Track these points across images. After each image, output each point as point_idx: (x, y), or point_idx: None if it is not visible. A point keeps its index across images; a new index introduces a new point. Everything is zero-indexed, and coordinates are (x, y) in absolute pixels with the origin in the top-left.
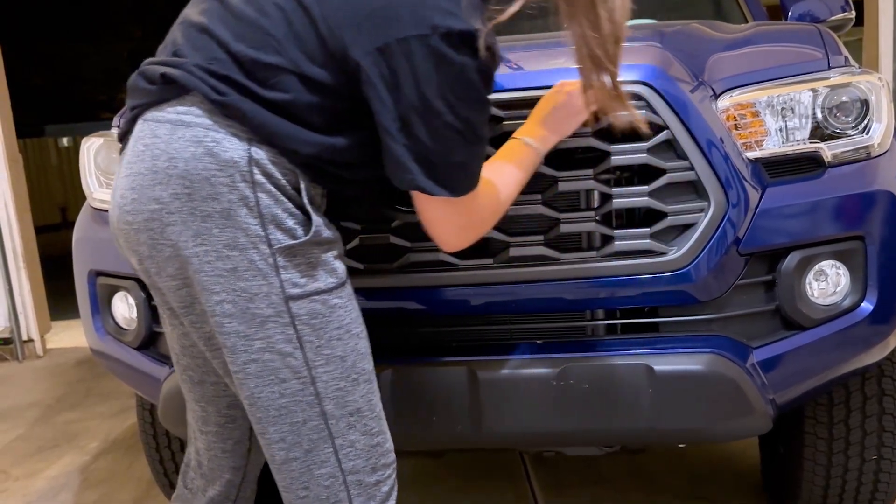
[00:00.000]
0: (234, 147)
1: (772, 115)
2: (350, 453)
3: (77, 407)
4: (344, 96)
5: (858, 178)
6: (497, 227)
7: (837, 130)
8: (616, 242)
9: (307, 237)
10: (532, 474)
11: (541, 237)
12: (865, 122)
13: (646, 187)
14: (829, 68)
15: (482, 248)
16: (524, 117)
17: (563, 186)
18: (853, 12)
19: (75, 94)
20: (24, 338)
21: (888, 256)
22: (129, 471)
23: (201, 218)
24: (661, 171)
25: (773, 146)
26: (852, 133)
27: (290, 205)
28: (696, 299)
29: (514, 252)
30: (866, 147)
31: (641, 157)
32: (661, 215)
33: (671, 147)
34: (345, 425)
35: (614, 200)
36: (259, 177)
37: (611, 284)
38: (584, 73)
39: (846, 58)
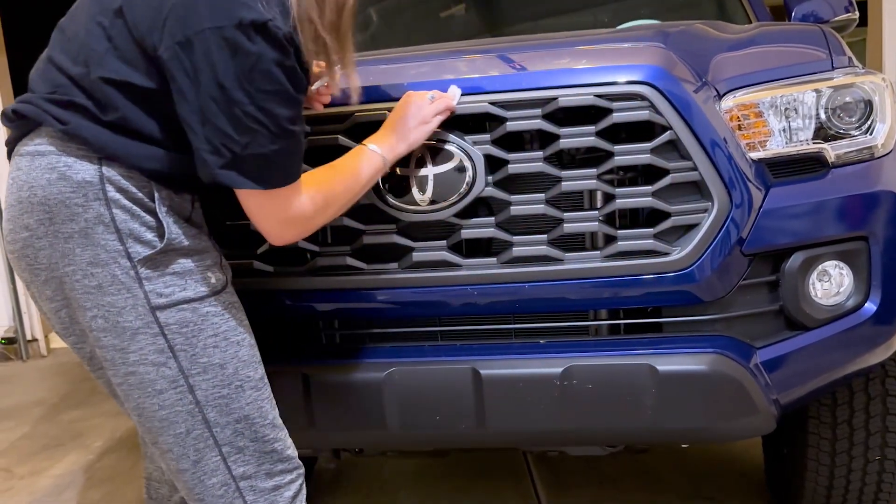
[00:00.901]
0: (84, 168)
1: (775, 115)
2: (239, 459)
3: (81, 405)
4: (171, 104)
5: (862, 178)
6: (500, 227)
7: (841, 131)
8: (619, 242)
9: (161, 246)
10: (535, 474)
11: (544, 237)
12: (869, 122)
13: (649, 187)
14: (833, 69)
15: (486, 248)
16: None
17: (566, 186)
18: (857, 13)
19: None
20: (29, 337)
21: (892, 257)
22: (133, 469)
23: (64, 239)
24: (664, 172)
25: (776, 146)
26: (856, 133)
27: (147, 217)
28: (699, 299)
29: (517, 252)
30: (870, 147)
31: (645, 158)
32: (665, 215)
33: (675, 147)
34: (231, 432)
35: (618, 200)
36: (113, 193)
37: (614, 284)
38: (304, 41)
39: (850, 58)
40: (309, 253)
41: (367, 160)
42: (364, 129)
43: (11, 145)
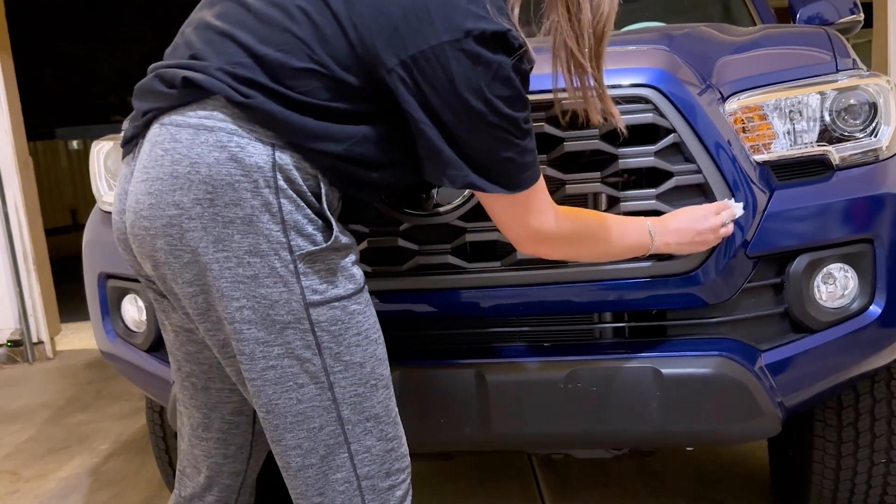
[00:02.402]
0: (258, 152)
1: (780, 117)
2: (365, 458)
3: (88, 408)
4: (373, 102)
5: (867, 180)
6: None
7: (845, 133)
8: None
9: (327, 243)
10: (540, 476)
11: None
12: (874, 124)
13: (653, 190)
14: (837, 71)
15: (490, 251)
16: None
17: (570, 189)
18: (862, 15)
19: (86, 96)
20: (35, 340)
21: None
22: (139, 472)
23: (223, 224)
24: (668, 174)
25: (780, 149)
26: (860, 136)
27: (309, 211)
28: (704, 302)
29: (521, 255)
30: (874, 150)
31: (649, 161)
32: None
33: (679, 150)
34: (361, 431)
35: (622, 203)
36: (282, 182)
37: (619, 287)
38: (562, 70)
39: (854, 60)
40: None
41: (638, 232)
42: None
43: (157, 113)
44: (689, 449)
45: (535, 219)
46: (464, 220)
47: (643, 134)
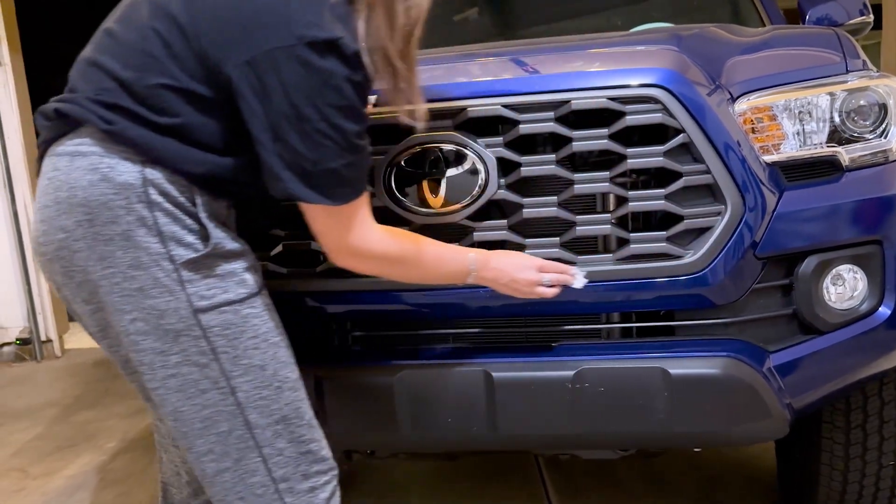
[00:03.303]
0: (128, 170)
1: (789, 118)
2: (279, 461)
3: (95, 406)
4: (227, 112)
5: (876, 182)
6: (512, 230)
7: (855, 134)
8: (632, 245)
9: (207, 250)
10: (546, 477)
11: (557, 239)
12: (883, 125)
13: (662, 190)
14: (847, 72)
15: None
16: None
17: (579, 189)
18: (871, 16)
19: None
20: (43, 338)
21: None
22: (146, 470)
23: (104, 242)
24: (677, 175)
25: (790, 150)
26: (870, 137)
27: (189, 221)
28: (712, 303)
29: (529, 254)
30: (884, 151)
31: (658, 161)
32: (678, 218)
33: (688, 150)
34: (271, 433)
35: (630, 203)
36: (155, 196)
37: (626, 287)
38: (377, 69)
39: (864, 61)
40: (322, 255)
41: (458, 263)
42: (376, 131)
43: (46, 145)
44: (696, 450)
45: (352, 234)
46: (472, 219)
47: (652, 134)
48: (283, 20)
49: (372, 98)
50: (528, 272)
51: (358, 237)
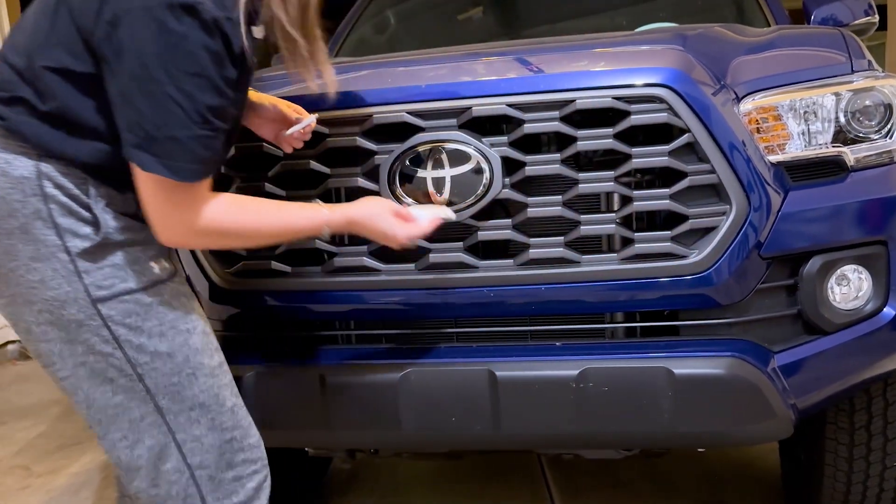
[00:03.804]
0: (23, 164)
1: (794, 118)
2: (195, 448)
3: None
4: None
5: (881, 182)
6: (517, 229)
7: (860, 134)
8: (636, 245)
9: (98, 239)
10: (549, 477)
11: (561, 239)
12: (889, 126)
13: (667, 190)
14: (853, 72)
15: (503, 250)
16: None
17: (583, 189)
18: (876, 16)
19: None
20: None
21: None
22: None
23: (6, 235)
24: (682, 174)
25: (795, 150)
26: (875, 137)
27: (83, 212)
28: (717, 303)
29: (534, 254)
30: (889, 151)
31: (663, 160)
32: (683, 218)
33: (693, 150)
34: (185, 420)
35: (635, 203)
36: (50, 189)
37: (631, 287)
38: (278, 43)
39: (869, 62)
40: (326, 254)
41: (312, 213)
42: (381, 130)
43: None
44: (700, 450)
45: (191, 216)
46: (476, 218)
47: (657, 133)
48: None
49: (313, 116)
50: (385, 220)
51: (199, 219)
